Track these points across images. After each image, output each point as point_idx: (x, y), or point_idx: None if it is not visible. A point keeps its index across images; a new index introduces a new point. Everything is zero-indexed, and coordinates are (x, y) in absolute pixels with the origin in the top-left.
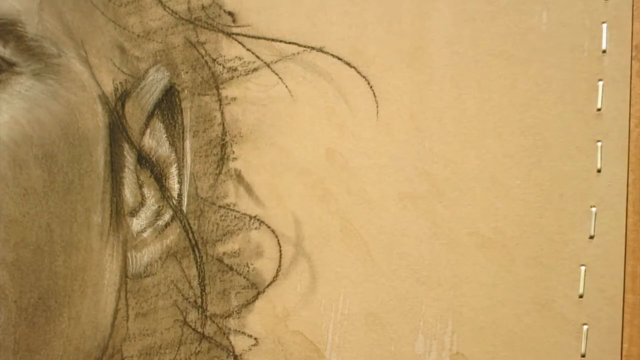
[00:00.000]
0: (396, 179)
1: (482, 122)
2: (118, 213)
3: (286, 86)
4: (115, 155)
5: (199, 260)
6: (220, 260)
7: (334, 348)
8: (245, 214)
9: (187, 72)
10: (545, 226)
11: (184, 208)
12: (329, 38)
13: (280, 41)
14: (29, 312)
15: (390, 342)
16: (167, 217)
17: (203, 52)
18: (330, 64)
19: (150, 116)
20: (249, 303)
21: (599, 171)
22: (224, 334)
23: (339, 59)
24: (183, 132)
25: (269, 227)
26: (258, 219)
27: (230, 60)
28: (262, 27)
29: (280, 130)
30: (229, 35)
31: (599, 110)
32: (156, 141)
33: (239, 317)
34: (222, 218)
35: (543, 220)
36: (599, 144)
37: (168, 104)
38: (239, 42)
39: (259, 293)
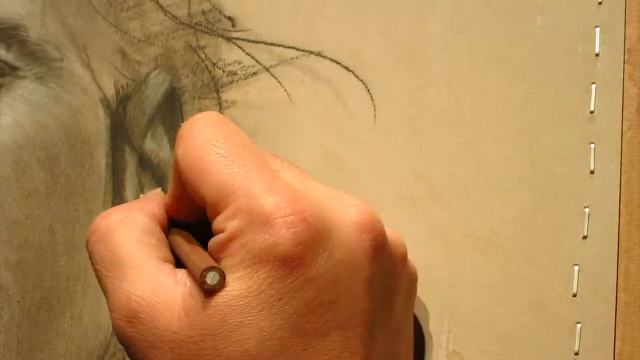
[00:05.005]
0: (393, 181)
1: (478, 125)
2: None
3: (285, 90)
4: (116, 158)
5: None
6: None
7: None
8: None
9: (187, 76)
10: (540, 227)
11: None
12: (327, 42)
13: (279, 45)
14: (32, 312)
15: None
16: None
17: (203, 56)
18: (329, 68)
19: (151, 119)
20: None
21: (592, 172)
22: None
23: (337, 63)
24: None
25: None
26: None
27: (230, 64)
28: (261, 31)
29: (279, 133)
30: (229, 39)
31: (592, 112)
32: (157, 144)
33: None
34: None
35: (537, 221)
36: (592, 145)
37: (169, 108)
38: (239, 47)
39: None
